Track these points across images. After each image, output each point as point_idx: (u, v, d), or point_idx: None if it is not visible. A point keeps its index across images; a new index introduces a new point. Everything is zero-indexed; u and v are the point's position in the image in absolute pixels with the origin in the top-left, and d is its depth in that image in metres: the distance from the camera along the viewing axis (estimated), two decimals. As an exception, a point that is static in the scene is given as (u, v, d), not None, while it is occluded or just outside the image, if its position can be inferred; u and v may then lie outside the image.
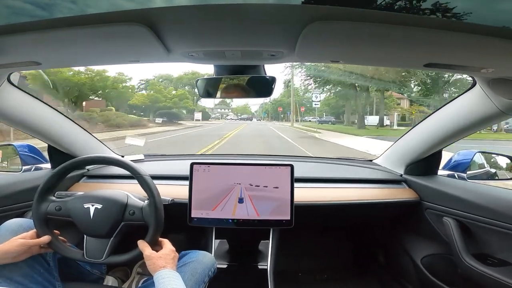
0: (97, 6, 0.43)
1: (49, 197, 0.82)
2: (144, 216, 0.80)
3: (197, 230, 1.14)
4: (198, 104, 30.92)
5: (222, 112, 41.39)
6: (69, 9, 0.42)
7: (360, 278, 1.53)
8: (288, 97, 31.50)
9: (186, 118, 24.37)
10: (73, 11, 0.42)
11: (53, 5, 0.41)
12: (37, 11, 0.42)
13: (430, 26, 0.45)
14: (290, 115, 31.69)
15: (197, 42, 0.59)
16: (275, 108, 37.00)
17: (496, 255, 0.97)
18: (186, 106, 23.91)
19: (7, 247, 0.72)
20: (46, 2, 0.42)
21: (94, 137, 1.35)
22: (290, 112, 31.23)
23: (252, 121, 36.49)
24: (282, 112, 35.85)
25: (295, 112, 21.15)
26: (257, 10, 0.46)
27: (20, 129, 1.04)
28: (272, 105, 37.56)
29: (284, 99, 33.12)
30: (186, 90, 25.96)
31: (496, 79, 0.76)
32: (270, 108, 39.03)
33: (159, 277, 0.68)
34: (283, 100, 33.49)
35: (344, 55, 0.66)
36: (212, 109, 40.62)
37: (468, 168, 1.18)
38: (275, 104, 35.59)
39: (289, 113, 31.31)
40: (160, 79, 27.60)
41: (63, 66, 1.14)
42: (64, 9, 0.41)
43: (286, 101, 32.37)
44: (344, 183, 1.27)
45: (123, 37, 0.54)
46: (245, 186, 1.07)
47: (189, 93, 26.41)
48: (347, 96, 18.51)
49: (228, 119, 35.72)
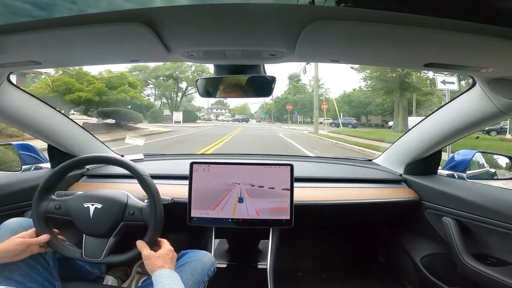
0: (97, 6, 0.43)
1: (49, 195, 0.82)
2: (144, 216, 0.80)
3: (196, 230, 1.14)
4: (193, 104, 27.43)
5: (219, 113, 37.69)
6: (68, 9, 0.42)
7: (359, 278, 1.53)
8: (294, 95, 28.11)
9: (165, 119, 18.56)
10: (73, 11, 0.42)
11: (53, 5, 0.41)
12: (36, 11, 0.42)
13: (430, 26, 0.45)
14: (297, 116, 27.12)
15: (197, 41, 0.59)
16: (279, 107, 31.33)
17: (495, 255, 0.97)
18: (133, 100, 13.63)
19: (6, 246, 0.72)
20: (46, 2, 0.42)
21: (94, 137, 1.35)
22: (297, 112, 27.01)
23: (250, 122, 31.31)
24: (291, 111, 28.86)
25: (318, 112, 12.97)
26: (257, 10, 0.46)
27: (20, 128, 1.04)
28: (275, 104, 31.93)
29: (290, 96, 28.75)
30: (128, 73, 15.18)
31: (496, 79, 0.76)
32: (274, 107, 33.19)
33: (157, 277, 0.68)
34: (288, 98, 28.95)
35: (344, 55, 0.66)
36: (207, 110, 37.49)
37: (468, 168, 1.18)
38: (278, 102, 30.50)
39: (296, 113, 26.89)
40: (134, 71, 17.90)
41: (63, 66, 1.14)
42: (64, 9, 0.41)
43: (291, 98, 28.11)
44: (344, 182, 1.27)
45: (123, 36, 0.54)
46: (245, 186, 1.07)
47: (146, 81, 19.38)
48: (390, 89, 13.65)
49: (220, 121, 30.61)
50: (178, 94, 23.08)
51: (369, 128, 17.64)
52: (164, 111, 21.51)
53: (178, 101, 23.01)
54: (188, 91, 23.46)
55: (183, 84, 22.48)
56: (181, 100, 23.81)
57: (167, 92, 22.49)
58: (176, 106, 22.46)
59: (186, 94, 23.97)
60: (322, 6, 0.42)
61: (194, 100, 27.80)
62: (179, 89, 22.79)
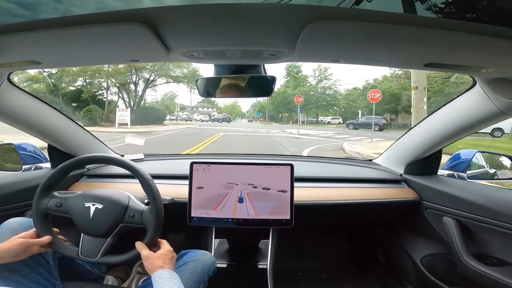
0: (97, 6, 0.43)
1: (51, 193, 0.83)
2: (144, 220, 0.80)
3: (196, 230, 1.14)
4: (175, 102, 22.22)
5: (206, 112, 33.12)
6: (54, 9, 0.41)
7: (359, 278, 1.53)
8: (295, 88, 23.47)
9: (111, 120, 13.59)
10: (59, 11, 0.42)
11: (38, 4, 0.41)
12: (20, 11, 0.42)
13: (430, 26, 0.45)
14: (300, 115, 20.94)
15: (197, 41, 0.59)
16: (275, 104, 25.32)
17: (495, 255, 0.97)
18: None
19: (7, 246, 0.72)
20: (31, 2, 0.42)
21: (94, 137, 1.36)
22: (300, 110, 20.48)
23: (240, 123, 26.29)
24: (289, 109, 23.53)
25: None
26: (257, 10, 0.46)
27: (20, 128, 1.04)
28: (271, 101, 25.70)
29: (289, 90, 24.26)
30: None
31: (496, 79, 0.76)
32: (269, 104, 27.01)
33: (157, 277, 0.69)
34: (287, 92, 24.16)
35: (344, 55, 0.66)
36: (193, 108, 33.95)
37: (468, 168, 1.18)
38: (275, 98, 24.11)
39: (299, 110, 20.37)
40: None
41: (63, 66, 1.14)
42: (49, 8, 0.41)
43: (290, 93, 23.24)
44: (344, 182, 1.27)
45: (123, 36, 0.54)
46: (245, 186, 1.07)
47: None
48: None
49: (198, 120, 25.52)
50: (136, 88, 16.37)
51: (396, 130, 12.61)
52: (118, 109, 14.66)
53: (134, 96, 16.54)
54: (155, 83, 17.68)
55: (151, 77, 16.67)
56: (142, 95, 17.06)
57: (119, 83, 15.85)
58: (134, 103, 16.10)
59: (151, 87, 18.00)
60: (322, 6, 0.42)
61: (177, 97, 23.29)
62: (136, 81, 16.37)
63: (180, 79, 18.28)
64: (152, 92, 22.13)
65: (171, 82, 18.49)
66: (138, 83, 16.87)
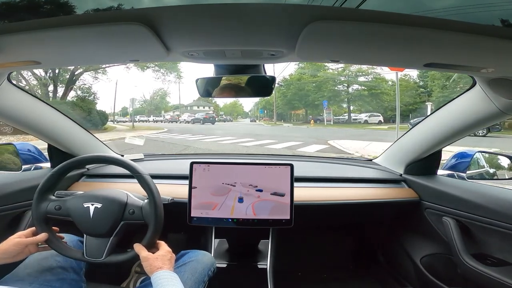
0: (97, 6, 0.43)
1: (49, 196, 0.82)
2: (144, 215, 0.80)
3: (196, 230, 1.14)
4: (167, 100, 19.10)
5: (199, 110, 27.82)
6: (67, 10, 0.41)
7: (359, 278, 1.53)
8: (314, 74, 17.17)
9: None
10: (72, 11, 0.42)
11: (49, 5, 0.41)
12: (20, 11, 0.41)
13: (430, 26, 0.45)
14: (325, 110, 16.05)
15: (197, 41, 0.59)
16: (289, 97, 18.43)
17: (495, 255, 0.97)
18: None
19: (5, 246, 0.71)
20: (43, 2, 0.42)
21: (94, 136, 1.36)
22: (326, 105, 15.86)
23: (244, 121, 22.95)
24: (309, 104, 17.18)
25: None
26: (257, 10, 0.46)
27: (20, 128, 1.04)
28: (280, 93, 18.86)
29: (306, 76, 18.35)
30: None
31: (496, 79, 0.76)
32: (279, 98, 19.74)
33: (156, 278, 0.68)
34: (303, 78, 18.33)
35: (344, 55, 0.66)
36: (186, 107, 30.40)
37: (468, 168, 1.18)
38: (287, 87, 18.05)
39: (325, 104, 15.75)
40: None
41: (63, 65, 1.14)
42: (61, 9, 0.41)
43: (309, 79, 17.89)
44: (343, 182, 1.27)
45: (123, 36, 0.54)
46: (245, 186, 1.07)
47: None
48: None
49: (182, 120, 21.28)
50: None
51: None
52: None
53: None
54: (75, 75, 11.61)
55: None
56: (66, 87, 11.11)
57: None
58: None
59: (73, 79, 11.68)
60: (322, 6, 0.42)
61: (168, 96, 20.62)
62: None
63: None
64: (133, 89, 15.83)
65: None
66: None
